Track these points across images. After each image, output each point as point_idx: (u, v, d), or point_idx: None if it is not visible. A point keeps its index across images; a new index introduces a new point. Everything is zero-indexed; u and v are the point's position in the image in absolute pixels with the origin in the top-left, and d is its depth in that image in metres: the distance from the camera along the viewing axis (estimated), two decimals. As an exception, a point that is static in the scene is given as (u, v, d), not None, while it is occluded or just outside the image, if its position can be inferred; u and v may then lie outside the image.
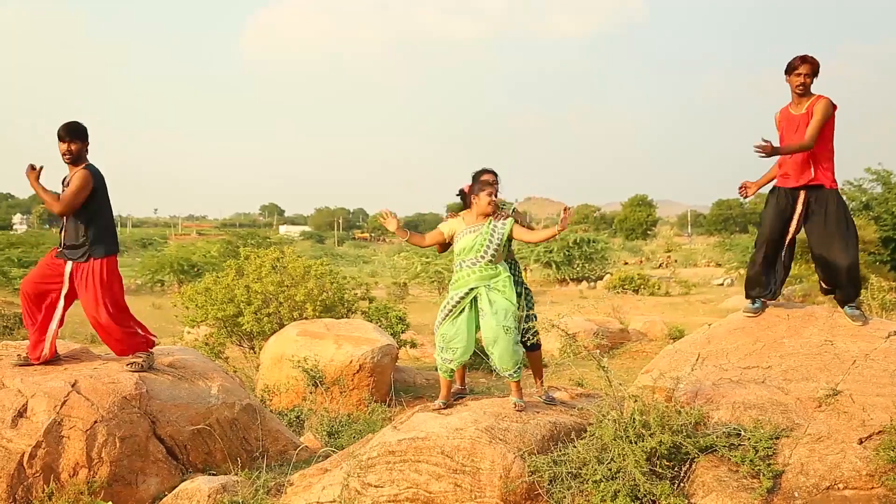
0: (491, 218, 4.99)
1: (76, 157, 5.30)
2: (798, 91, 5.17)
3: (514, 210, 5.21)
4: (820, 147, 5.10)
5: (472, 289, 4.87)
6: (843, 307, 5.20)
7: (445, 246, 5.27)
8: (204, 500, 4.57)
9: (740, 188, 5.51)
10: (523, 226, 5.11)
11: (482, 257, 4.90)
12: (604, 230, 64.44)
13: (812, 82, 5.17)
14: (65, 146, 5.26)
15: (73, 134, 5.28)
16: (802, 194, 5.19)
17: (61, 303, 5.37)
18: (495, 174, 5.27)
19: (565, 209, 4.87)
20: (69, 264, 5.34)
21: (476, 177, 5.24)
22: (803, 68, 5.10)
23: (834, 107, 5.09)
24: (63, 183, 5.41)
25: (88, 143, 5.39)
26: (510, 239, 5.03)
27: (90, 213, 5.33)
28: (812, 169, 5.13)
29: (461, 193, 5.20)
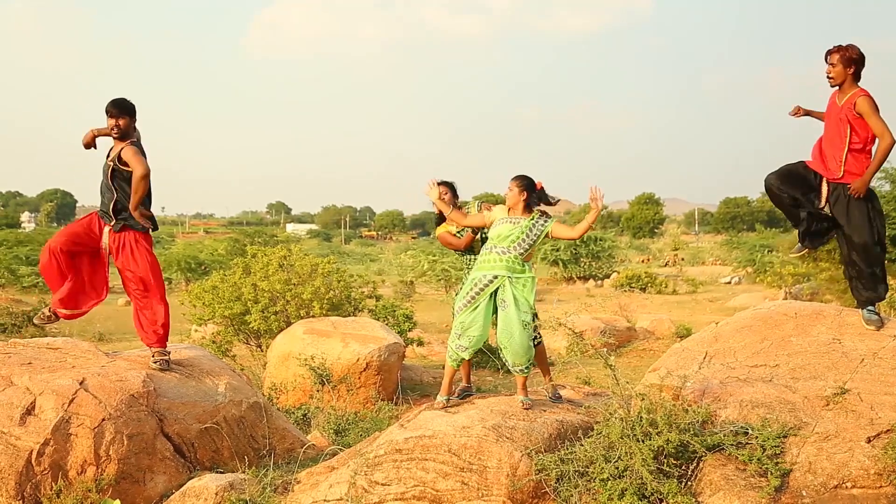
0: (536, 213, 5.09)
1: (124, 133, 5.42)
2: (829, 84, 5.03)
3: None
4: (840, 139, 4.99)
5: (496, 276, 4.91)
6: (863, 307, 5.07)
7: (470, 242, 5.49)
8: (211, 497, 4.58)
9: (792, 111, 5.32)
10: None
11: (515, 248, 4.98)
12: (611, 228, 64.36)
13: (846, 72, 4.96)
14: (113, 121, 5.38)
15: (122, 110, 5.40)
16: (826, 185, 5.09)
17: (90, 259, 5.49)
18: (449, 185, 5.61)
19: (592, 188, 4.98)
20: (106, 229, 5.44)
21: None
22: (831, 58, 4.97)
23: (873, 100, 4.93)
24: (108, 157, 5.47)
25: (136, 121, 5.52)
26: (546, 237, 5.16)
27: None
28: (842, 168, 4.98)
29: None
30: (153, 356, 5.53)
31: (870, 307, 5.03)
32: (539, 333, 5.29)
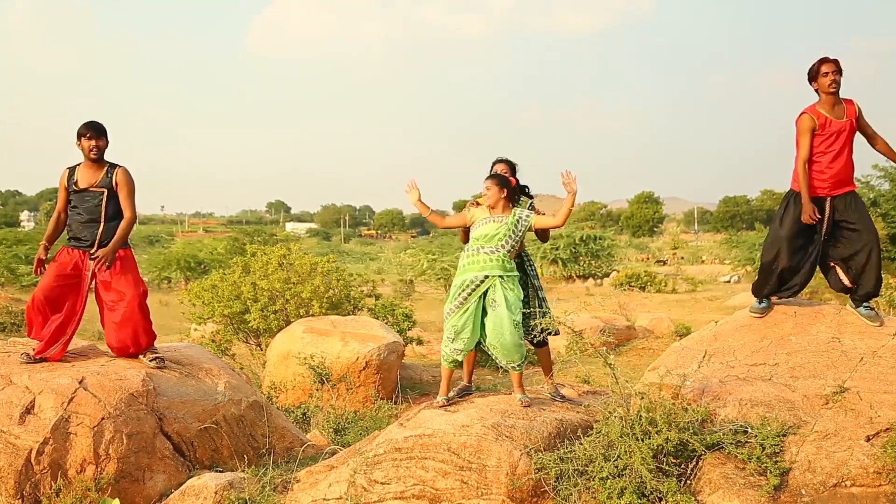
0: (516, 210, 5.08)
1: (102, 154, 5.46)
2: (832, 90, 4.98)
3: (531, 206, 5.33)
4: (850, 151, 5.05)
5: (487, 277, 4.91)
6: (858, 306, 5.09)
7: (468, 234, 5.36)
8: (211, 496, 4.58)
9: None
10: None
11: (502, 247, 4.98)
12: (610, 227, 64.39)
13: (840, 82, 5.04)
14: (95, 143, 5.39)
15: (103, 132, 5.45)
16: (829, 201, 5.08)
17: (83, 297, 5.41)
18: (509, 163, 5.40)
19: (563, 173, 4.92)
20: (91, 261, 5.37)
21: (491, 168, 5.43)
22: (827, 66, 4.98)
23: None
24: (71, 182, 5.42)
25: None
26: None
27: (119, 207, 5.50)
28: (846, 179, 5.05)
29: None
30: (145, 356, 5.53)
31: (866, 304, 5.07)
32: (541, 332, 5.28)
